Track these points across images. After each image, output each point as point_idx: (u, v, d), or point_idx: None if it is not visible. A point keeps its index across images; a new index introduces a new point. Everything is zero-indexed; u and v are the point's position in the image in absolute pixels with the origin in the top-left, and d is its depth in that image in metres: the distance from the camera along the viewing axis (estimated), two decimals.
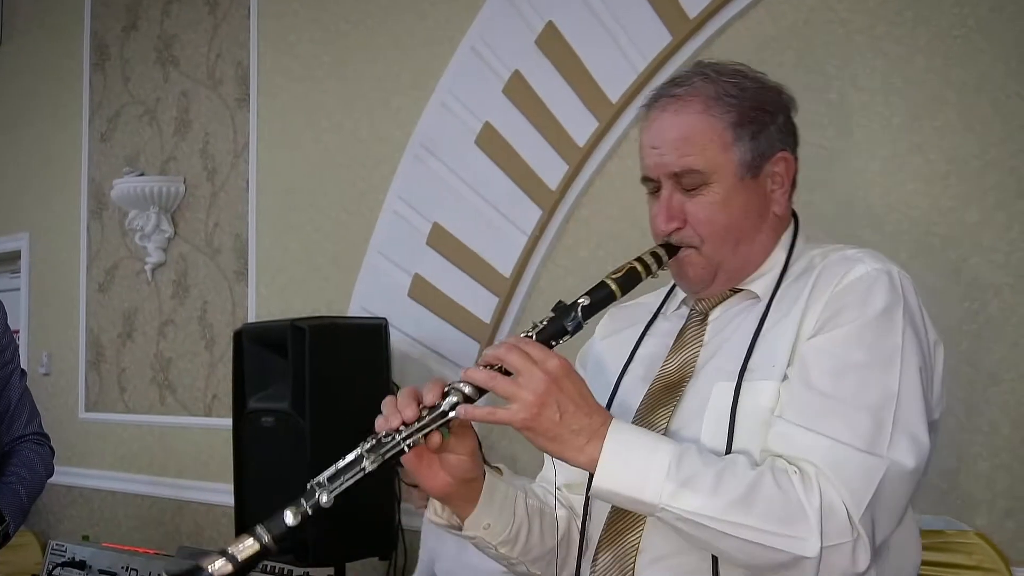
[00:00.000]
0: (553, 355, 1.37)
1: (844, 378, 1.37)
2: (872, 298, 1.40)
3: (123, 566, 2.31)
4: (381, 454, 1.37)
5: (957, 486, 2.52)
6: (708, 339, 1.54)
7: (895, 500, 1.36)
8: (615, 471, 1.33)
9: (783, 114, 1.56)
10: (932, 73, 2.61)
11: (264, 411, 3.44)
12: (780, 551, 1.30)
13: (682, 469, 1.32)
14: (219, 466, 4.36)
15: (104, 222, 5.23)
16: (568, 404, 1.34)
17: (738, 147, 1.48)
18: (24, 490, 2.47)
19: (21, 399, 2.58)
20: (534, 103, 3.40)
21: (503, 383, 1.35)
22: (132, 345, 5.02)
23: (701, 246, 1.50)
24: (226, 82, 4.59)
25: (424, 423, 1.37)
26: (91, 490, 5.20)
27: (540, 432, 1.35)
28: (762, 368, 1.43)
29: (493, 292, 3.50)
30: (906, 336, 1.39)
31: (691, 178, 1.48)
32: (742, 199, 1.50)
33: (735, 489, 1.31)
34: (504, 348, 1.37)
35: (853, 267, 1.44)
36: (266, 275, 4.34)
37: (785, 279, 1.51)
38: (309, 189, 4.17)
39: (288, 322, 3.38)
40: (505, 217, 3.47)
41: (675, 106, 1.50)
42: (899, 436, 1.34)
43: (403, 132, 3.79)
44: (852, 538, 1.30)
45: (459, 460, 1.46)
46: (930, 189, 2.61)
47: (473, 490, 1.51)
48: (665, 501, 1.31)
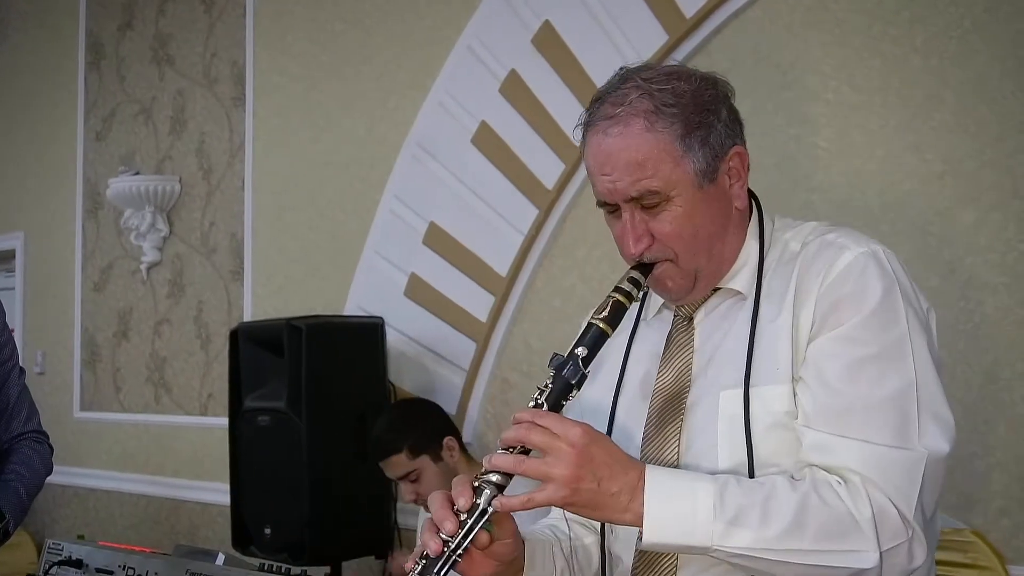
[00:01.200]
0: (573, 424, 1.33)
1: (860, 376, 1.36)
2: (868, 288, 1.38)
3: (120, 564, 2.30)
4: (435, 572, 1.33)
5: (953, 484, 2.52)
6: (699, 344, 1.51)
7: (936, 484, 1.37)
8: (662, 524, 1.32)
9: (724, 107, 1.49)
10: (928, 73, 2.62)
11: (260, 410, 3.44)
12: (840, 568, 1.30)
13: (727, 507, 1.31)
14: (214, 465, 4.36)
15: (99, 221, 5.22)
16: (602, 470, 1.32)
17: (690, 157, 1.43)
18: (24, 488, 2.46)
19: (20, 397, 2.57)
20: (531, 102, 3.40)
21: (533, 466, 1.32)
22: (127, 344, 5.02)
23: (676, 259, 1.47)
24: (222, 81, 4.58)
25: (467, 529, 1.34)
26: (86, 489, 5.19)
27: (581, 504, 1.33)
28: (766, 372, 1.41)
29: (490, 291, 3.50)
30: (909, 318, 1.38)
31: (650, 199, 1.43)
32: (705, 206, 1.46)
33: (784, 516, 1.30)
34: (524, 429, 1.34)
35: (839, 255, 1.41)
36: (262, 275, 4.34)
37: (765, 271, 1.48)
38: (305, 189, 4.17)
39: (284, 321, 3.39)
40: (502, 216, 3.47)
41: (616, 128, 1.43)
42: (927, 422, 1.35)
43: (399, 131, 3.79)
44: (908, 537, 1.31)
45: (504, 546, 1.44)
46: (926, 189, 2.62)
47: (517, 564, 1.50)
48: (717, 542, 1.30)
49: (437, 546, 1.33)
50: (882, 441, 1.33)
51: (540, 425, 1.33)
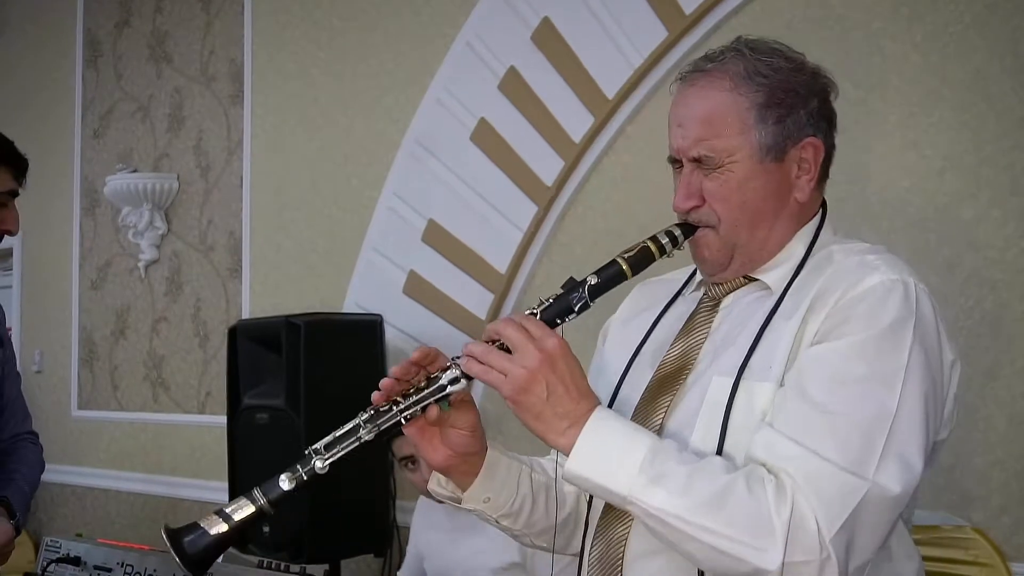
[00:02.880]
0: (552, 334, 1.36)
1: (840, 391, 1.32)
2: (883, 310, 1.35)
3: (118, 562, 2.31)
4: (378, 424, 1.38)
5: (953, 482, 2.52)
6: (716, 327, 1.51)
7: (876, 525, 1.30)
8: (589, 457, 1.33)
9: (817, 98, 1.49)
10: (928, 70, 2.62)
11: (258, 408, 3.43)
12: (741, 560, 1.27)
13: (656, 465, 1.30)
14: (212, 463, 4.35)
15: (97, 219, 5.21)
16: (557, 385, 1.34)
17: (760, 129, 1.44)
18: (28, 487, 2.51)
19: (17, 398, 2.62)
20: (530, 99, 3.40)
21: (498, 356, 1.35)
22: (125, 343, 5.01)
23: (718, 226, 1.47)
24: (220, 79, 4.58)
25: (422, 395, 1.39)
26: (84, 488, 5.18)
27: (526, 408, 1.35)
28: (760, 368, 1.39)
29: (488, 288, 3.50)
30: (913, 354, 1.33)
31: (710, 159, 1.45)
32: (761, 181, 1.45)
33: (706, 490, 1.28)
34: (504, 323, 1.37)
35: (867, 275, 1.38)
36: (260, 272, 4.33)
37: (801, 272, 1.46)
38: (303, 186, 4.17)
39: (283, 318, 3.38)
40: (500, 213, 3.47)
41: (703, 82, 1.47)
42: (888, 459, 1.29)
43: (398, 128, 3.79)
44: (820, 557, 1.26)
45: (459, 435, 1.46)
46: (926, 186, 2.61)
47: (474, 464, 1.51)
48: (635, 494, 1.30)
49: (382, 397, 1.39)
50: (831, 459, 1.28)
51: (521, 325, 1.36)
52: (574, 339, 1.41)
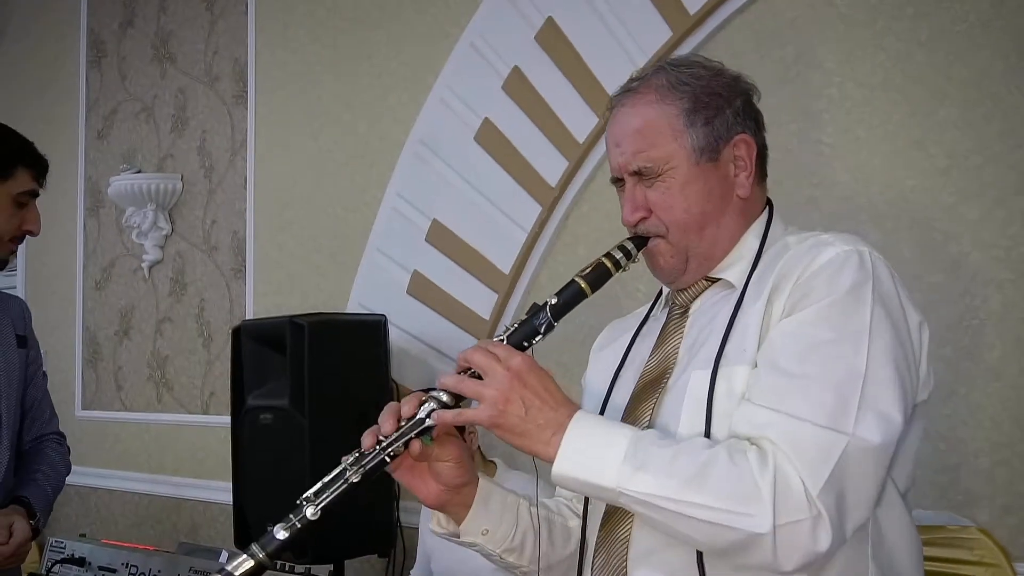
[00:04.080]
0: (516, 353, 1.40)
1: (809, 357, 1.36)
2: (840, 277, 1.40)
3: (123, 562, 2.31)
4: (363, 465, 1.41)
5: (958, 482, 2.52)
6: (687, 331, 1.55)
7: (862, 478, 1.33)
8: (574, 457, 1.35)
9: (741, 98, 1.56)
10: (933, 68, 2.61)
11: (263, 408, 3.43)
12: (733, 528, 1.29)
13: (639, 453, 1.34)
14: (216, 464, 4.35)
15: (101, 220, 5.21)
16: (533, 399, 1.37)
17: (691, 133, 1.51)
18: (51, 488, 2.53)
19: (43, 399, 2.65)
20: (534, 99, 3.39)
21: (470, 384, 1.39)
22: (129, 343, 5.01)
23: (667, 234, 1.52)
24: (223, 79, 4.58)
25: (402, 432, 1.42)
26: (88, 489, 5.18)
27: (507, 428, 1.38)
28: (735, 353, 1.44)
29: (492, 289, 3.49)
30: (875, 314, 1.38)
31: (648, 170, 1.51)
32: (701, 183, 1.52)
33: (689, 468, 1.31)
34: (471, 351, 1.41)
35: (823, 251, 1.44)
36: (264, 273, 4.33)
37: (759, 266, 1.51)
38: (307, 186, 4.16)
39: (287, 319, 3.37)
40: (504, 214, 3.46)
41: (631, 100, 1.54)
42: (865, 413, 1.33)
43: (402, 129, 3.78)
44: (811, 515, 1.28)
45: (446, 467, 1.50)
46: (931, 185, 2.61)
47: (468, 496, 1.55)
48: (623, 484, 1.32)
49: (371, 441, 1.42)
50: (807, 418, 1.32)
51: (487, 350, 1.40)
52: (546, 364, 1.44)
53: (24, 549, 2.37)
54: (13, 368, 2.47)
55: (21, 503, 2.42)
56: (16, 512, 2.37)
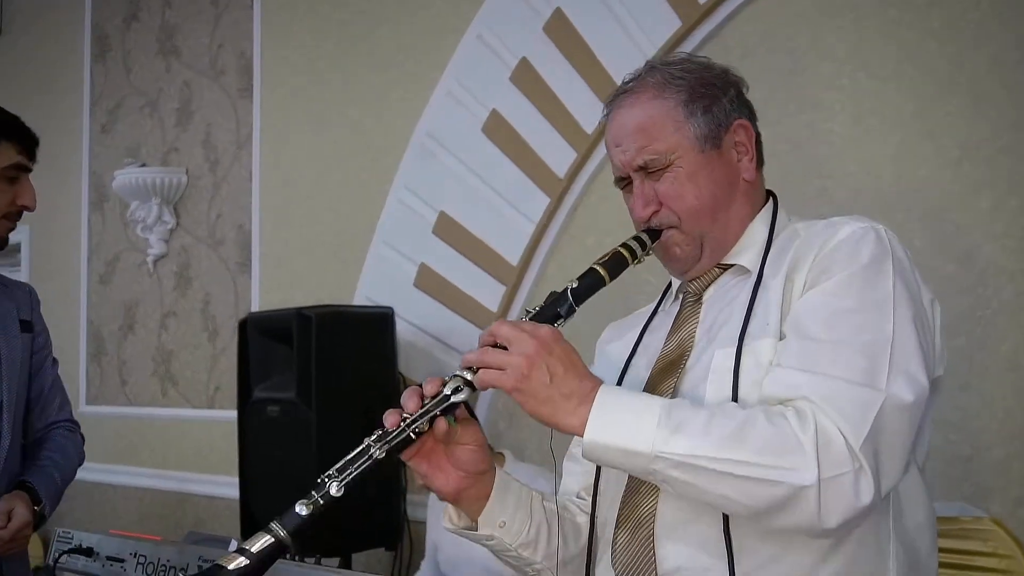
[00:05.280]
0: (543, 325, 1.39)
1: (837, 324, 1.38)
2: (859, 251, 1.41)
3: (131, 552, 2.28)
4: (388, 441, 1.38)
5: (971, 473, 2.50)
6: (703, 316, 1.56)
7: (897, 435, 1.34)
8: (607, 425, 1.34)
9: (733, 88, 1.58)
10: (945, 58, 2.60)
11: (269, 400, 3.42)
12: (777, 483, 1.28)
13: (673, 417, 1.32)
14: (221, 458, 4.33)
15: (105, 214, 5.20)
16: (558, 366, 1.35)
17: (692, 122, 1.52)
18: (59, 474, 2.46)
19: (53, 385, 2.58)
20: (542, 91, 3.38)
21: (494, 354, 1.37)
22: (133, 337, 5.00)
23: (680, 224, 1.53)
24: (228, 72, 4.56)
25: (426, 408, 1.39)
26: (92, 484, 5.16)
27: (531, 394, 1.35)
28: (759, 329, 1.44)
29: (500, 281, 3.48)
30: (897, 285, 1.39)
31: (655, 165, 1.52)
32: (708, 171, 1.53)
33: (727, 426, 1.31)
34: (496, 324, 1.40)
35: (839, 229, 1.46)
36: (269, 266, 4.32)
37: (771, 249, 1.53)
38: (313, 179, 4.15)
39: (294, 310, 3.37)
40: (512, 205, 3.45)
41: (628, 100, 1.55)
42: (896, 374, 1.34)
43: (408, 121, 3.77)
44: (853, 468, 1.29)
45: (466, 451, 1.47)
46: (943, 175, 2.60)
47: (484, 485, 1.52)
48: (659, 447, 1.31)
49: (395, 419, 1.39)
50: (843, 376, 1.34)
51: (513, 323, 1.39)
52: None
53: (24, 535, 2.31)
54: (15, 353, 2.43)
55: (25, 489, 2.38)
56: (18, 498, 2.32)
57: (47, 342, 2.58)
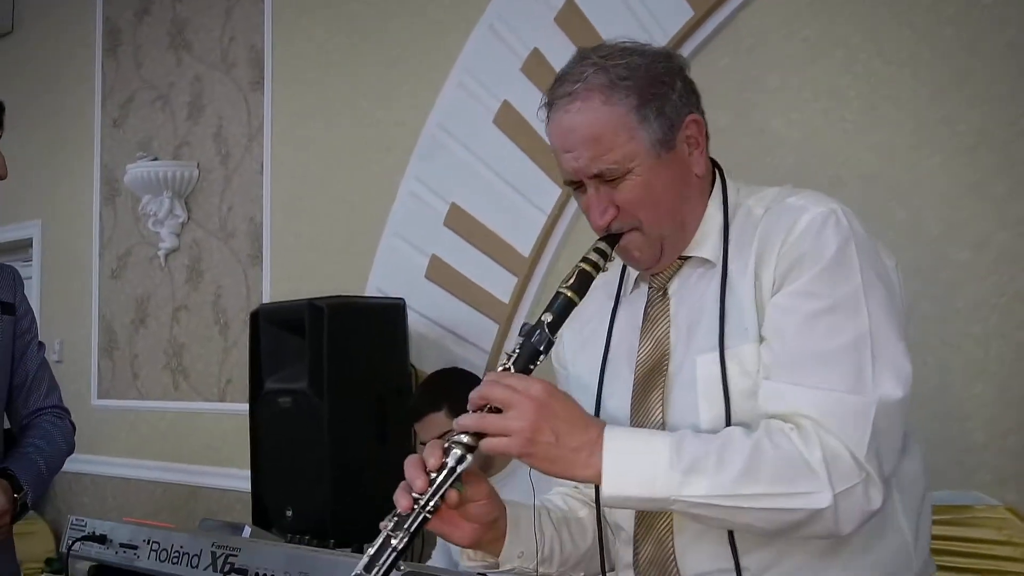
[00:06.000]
0: (534, 381, 1.39)
1: (815, 328, 1.40)
2: (824, 244, 1.42)
3: (144, 539, 2.28)
4: (406, 528, 1.38)
5: (986, 461, 2.49)
6: (674, 313, 1.55)
7: (892, 432, 1.39)
8: (620, 477, 1.35)
9: (679, 78, 1.54)
10: (959, 44, 2.58)
11: (281, 392, 3.41)
12: (795, 510, 1.34)
13: (683, 456, 1.34)
14: (233, 451, 4.34)
15: (117, 208, 5.21)
16: (561, 425, 1.36)
17: (646, 128, 1.48)
18: (43, 461, 2.37)
19: (40, 371, 2.50)
20: None
21: (494, 421, 1.37)
22: (145, 331, 5.01)
23: (641, 227, 1.51)
24: (239, 66, 4.57)
25: (436, 486, 1.39)
26: (104, 477, 5.18)
27: (539, 457, 1.37)
28: (737, 334, 1.45)
29: (512, 272, 3.47)
30: (864, 271, 1.41)
31: (611, 173, 1.48)
32: (664, 175, 1.50)
33: (738, 462, 1.33)
34: (487, 386, 1.39)
35: (799, 216, 1.45)
36: (280, 259, 4.32)
37: (731, 236, 1.52)
38: (324, 172, 4.15)
39: (306, 302, 3.36)
40: (524, 196, 3.45)
41: (575, 105, 1.48)
42: (881, 371, 1.38)
43: (419, 113, 3.76)
44: (861, 479, 1.34)
45: (478, 507, 1.48)
46: (957, 161, 2.58)
47: (499, 528, 1.53)
48: (675, 492, 1.34)
49: (408, 503, 1.38)
50: (834, 387, 1.37)
51: (503, 383, 1.38)
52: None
53: (2, 523, 2.25)
54: None
55: (6, 477, 2.30)
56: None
57: (32, 325, 2.50)
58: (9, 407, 2.46)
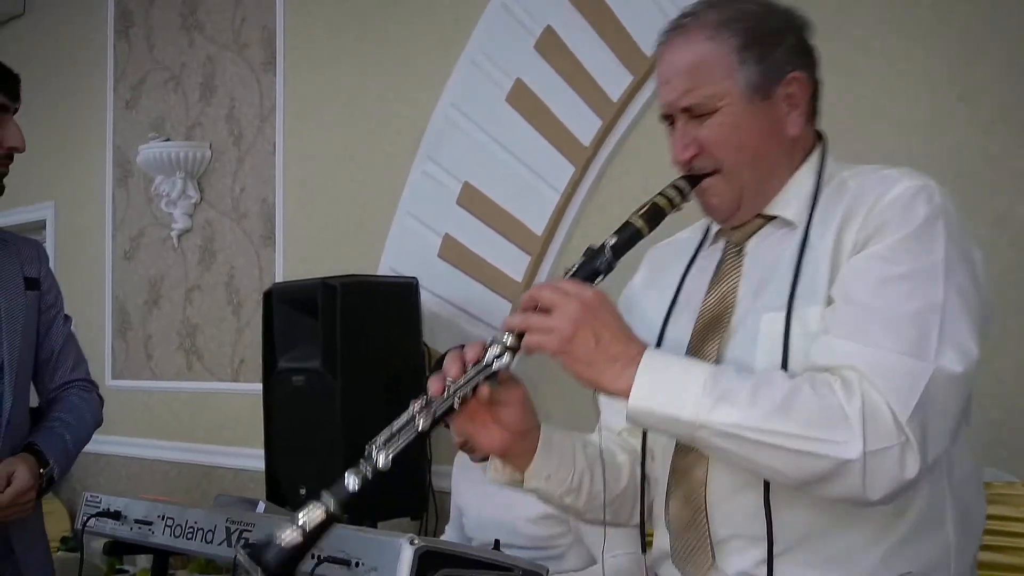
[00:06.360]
0: (587, 287, 1.38)
1: (886, 290, 1.35)
2: (912, 212, 1.38)
3: (159, 515, 2.28)
4: (432, 412, 1.38)
5: (1004, 438, 2.48)
6: (746, 270, 1.52)
7: (945, 407, 1.32)
8: (652, 391, 1.33)
9: (793, 35, 1.52)
10: (977, 18, 2.56)
11: (294, 370, 3.42)
12: (821, 456, 1.28)
13: (718, 385, 1.31)
14: (246, 431, 4.34)
15: (129, 189, 5.22)
16: (603, 331, 1.35)
17: (744, 70, 1.47)
18: (69, 436, 2.37)
19: (66, 345, 2.49)
20: (566, 59, 3.35)
21: (538, 318, 1.36)
22: (158, 312, 5.02)
23: (721, 170, 1.49)
24: (252, 46, 4.56)
25: (470, 377, 1.39)
26: (119, 458, 5.20)
27: (576, 357, 1.35)
28: (807, 294, 1.41)
29: (525, 251, 3.46)
30: (948, 248, 1.36)
31: (699, 108, 1.48)
32: (753, 121, 1.48)
33: (772, 398, 1.30)
34: (536, 289, 1.39)
35: (892, 186, 1.41)
36: (293, 240, 4.32)
37: (818, 202, 1.48)
38: (336, 152, 4.14)
39: (319, 280, 3.37)
40: (537, 175, 3.43)
41: (682, 37, 1.50)
42: (945, 344, 1.32)
43: (432, 92, 3.75)
44: (899, 441, 1.27)
45: (511, 412, 1.47)
46: (975, 138, 2.56)
47: (530, 442, 1.52)
48: (703, 417, 1.30)
49: (439, 388, 1.38)
50: (891, 347, 1.31)
51: (555, 286, 1.38)
52: None
53: (25, 499, 2.22)
54: (17, 311, 2.31)
55: (32, 451, 2.28)
56: (21, 460, 2.23)
57: (57, 299, 2.48)
58: (36, 381, 2.45)
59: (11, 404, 2.29)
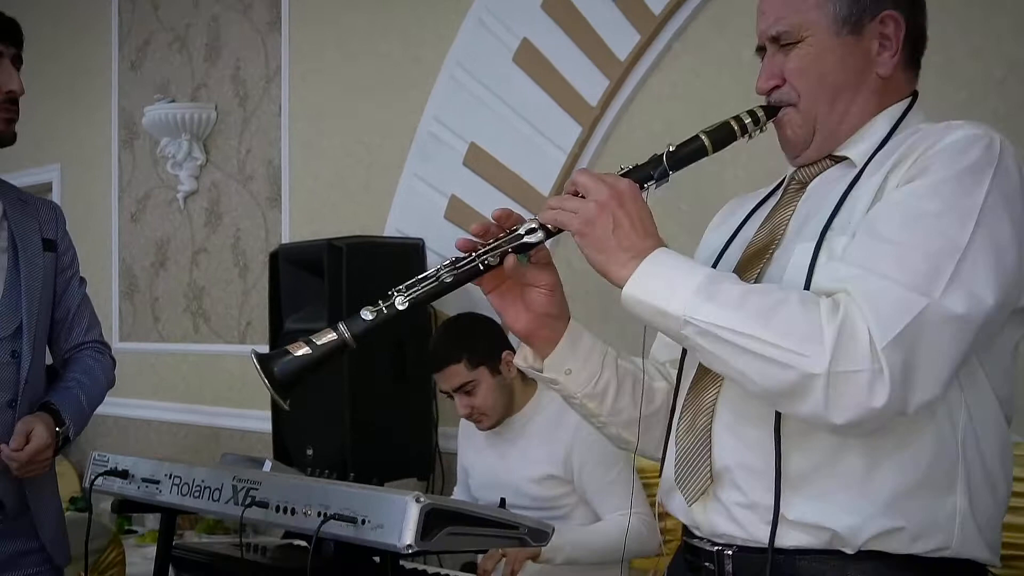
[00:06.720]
0: (625, 180, 1.40)
1: (910, 226, 1.32)
2: (963, 155, 1.33)
3: (166, 474, 2.29)
4: (456, 268, 1.43)
5: (1017, 400, 2.46)
6: (799, 206, 1.52)
7: (937, 347, 1.27)
8: (647, 282, 1.35)
9: None
10: None
11: (301, 332, 3.37)
12: (787, 367, 1.27)
13: (712, 286, 1.33)
14: (253, 393, 4.35)
15: (135, 151, 5.20)
16: (624, 220, 1.37)
17: (834, 2, 1.46)
18: (84, 395, 2.38)
19: (81, 306, 2.50)
20: (574, 18, 3.32)
21: (571, 199, 1.40)
22: (165, 274, 5.02)
23: (798, 102, 1.49)
24: (257, 6, 4.52)
25: (499, 242, 1.44)
26: (126, 419, 5.22)
27: (591, 240, 1.37)
28: (840, 226, 1.40)
29: (531, 212, 3.43)
30: (990, 197, 1.31)
31: (786, 35, 1.48)
32: (839, 55, 1.47)
33: (759, 305, 1.31)
34: (578, 173, 1.42)
35: (952, 132, 1.37)
36: (299, 201, 4.31)
37: (886, 146, 1.45)
38: (342, 113, 4.12)
39: (325, 242, 3.37)
40: (544, 135, 3.41)
41: None
42: (954, 286, 1.27)
43: (438, 52, 3.73)
44: (871, 367, 1.25)
45: (539, 294, 1.51)
46: (986, 95, 2.54)
47: (556, 331, 1.53)
48: (689, 312, 1.32)
49: (467, 245, 1.46)
50: (893, 278, 1.28)
51: (594, 174, 1.41)
52: None
53: (43, 456, 2.23)
54: (36, 272, 2.33)
55: (48, 410, 2.30)
56: (39, 419, 2.25)
57: (73, 261, 2.50)
58: (51, 342, 2.47)
59: (29, 363, 2.31)
